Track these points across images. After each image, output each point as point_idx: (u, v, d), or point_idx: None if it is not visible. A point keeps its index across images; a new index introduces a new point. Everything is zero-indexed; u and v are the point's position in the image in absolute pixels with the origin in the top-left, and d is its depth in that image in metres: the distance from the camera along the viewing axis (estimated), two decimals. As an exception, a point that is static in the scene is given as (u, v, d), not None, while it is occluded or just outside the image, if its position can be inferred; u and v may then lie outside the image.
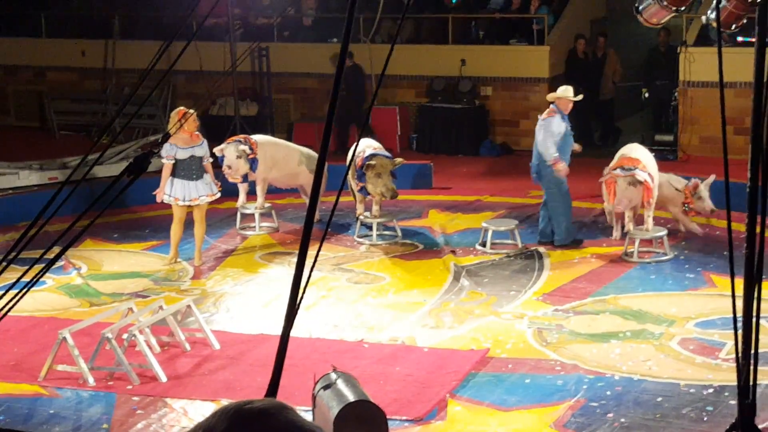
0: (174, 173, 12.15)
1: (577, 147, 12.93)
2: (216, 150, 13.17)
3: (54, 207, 3.83)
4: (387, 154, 13.50)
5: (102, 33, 19.99)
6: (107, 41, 19.91)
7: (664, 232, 12.64)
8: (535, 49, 18.05)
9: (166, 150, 12.00)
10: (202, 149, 12.27)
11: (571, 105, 12.72)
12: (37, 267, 4.07)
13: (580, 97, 12.76)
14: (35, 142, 18.90)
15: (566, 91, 12.76)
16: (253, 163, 13.49)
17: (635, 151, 12.97)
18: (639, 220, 12.87)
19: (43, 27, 20.70)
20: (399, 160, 13.52)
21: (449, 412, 8.58)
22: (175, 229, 12.41)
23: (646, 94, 18.47)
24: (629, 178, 12.39)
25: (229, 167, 13.24)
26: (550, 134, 12.52)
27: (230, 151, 13.30)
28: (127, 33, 20.18)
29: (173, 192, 12.16)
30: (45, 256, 4.22)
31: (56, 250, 4.10)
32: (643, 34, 17.38)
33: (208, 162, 12.42)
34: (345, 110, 17.96)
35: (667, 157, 16.37)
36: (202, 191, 12.24)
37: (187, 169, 12.19)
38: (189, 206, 12.28)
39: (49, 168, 15.84)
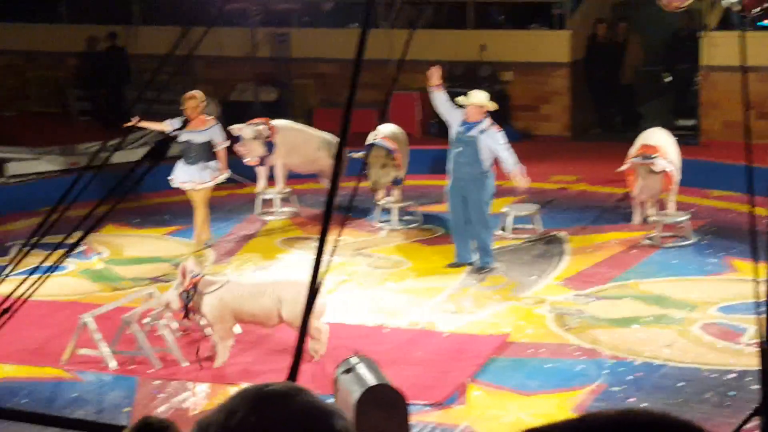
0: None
1: None
2: (233, 129, 13.17)
3: (75, 192, 3.84)
4: (386, 145, 13.28)
5: (122, 18, 20.00)
6: (127, 27, 19.92)
7: (686, 217, 12.58)
8: (556, 34, 17.97)
9: (171, 121, 12.02)
10: (202, 136, 12.20)
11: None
12: (59, 252, 4.08)
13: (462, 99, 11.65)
14: (55, 127, 18.95)
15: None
16: (269, 146, 13.47)
17: (654, 137, 12.89)
18: (661, 205, 12.82)
19: (63, 12, 20.72)
20: (394, 155, 13.24)
21: (469, 397, 8.59)
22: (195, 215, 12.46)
23: (668, 79, 18.36)
24: (648, 166, 12.29)
25: (243, 146, 13.24)
26: None
27: (247, 131, 13.31)
28: (147, 18, 20.19)
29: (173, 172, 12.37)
30: (67, 241, 4.24)
31: (78, 235, 4.11)
32: (665, 18, 17.25)
33: (220, 149, 12.37)
34: (104, 95, 19.12)
35: (688, 142, 16.28)
36: (191, 176, 12.24)
37: (184, 153, 12.31)
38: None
39: (70, 154, 15.91)
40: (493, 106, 11.73)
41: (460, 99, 11.66)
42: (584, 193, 14.68)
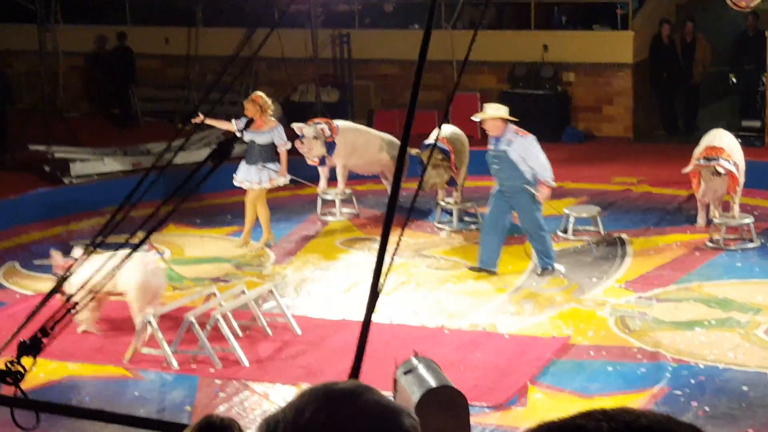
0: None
1: None
2: (295, 126, 13.23)
3: (140, 193, 3.88)
4: (441, 146, 13.21)
5: (185, 20, 20.18)
6: (190, 29, 20.09)
7: (750, 219, 12.42)
8: (619, 35, 17.82)
9: (236, 121, 12.27)
10: (263, 137, 12.32)
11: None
12: (123, 251, 4.12)
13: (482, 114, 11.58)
14: (119, 128, 19.16)
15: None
16: (330, 146, 13.50)
17: (720, 139, 12.73)
18: (725, 207, 12.66)
19: (127, 14, 20.95)
20: (441, 156, 13.17)
21: (530, 399, 8.54)
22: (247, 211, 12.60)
23: (734, 80, 18.14)
24: (712, 168, 12.17)
25: (303, 144, 13.29)
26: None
27: (309, 130, 13.35)
28: (210, 20, 20.35)
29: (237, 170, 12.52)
30: (130, 241, 4.28)
31: (141, 235, 4.15)
32: (731, 18, 17.07)
33: (283, 150, 12.45)
34: (110, 92, 19.80)
35: (753, 144, 16.09)
36: (250, 176, 12.36)
37: (247, 152, 12.47)
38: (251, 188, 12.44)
39: (133, 154, 16.08)
40: (505, 114, 11.51)
41: (475, 116, 11.60)
42: (647, 195, 14.54)
